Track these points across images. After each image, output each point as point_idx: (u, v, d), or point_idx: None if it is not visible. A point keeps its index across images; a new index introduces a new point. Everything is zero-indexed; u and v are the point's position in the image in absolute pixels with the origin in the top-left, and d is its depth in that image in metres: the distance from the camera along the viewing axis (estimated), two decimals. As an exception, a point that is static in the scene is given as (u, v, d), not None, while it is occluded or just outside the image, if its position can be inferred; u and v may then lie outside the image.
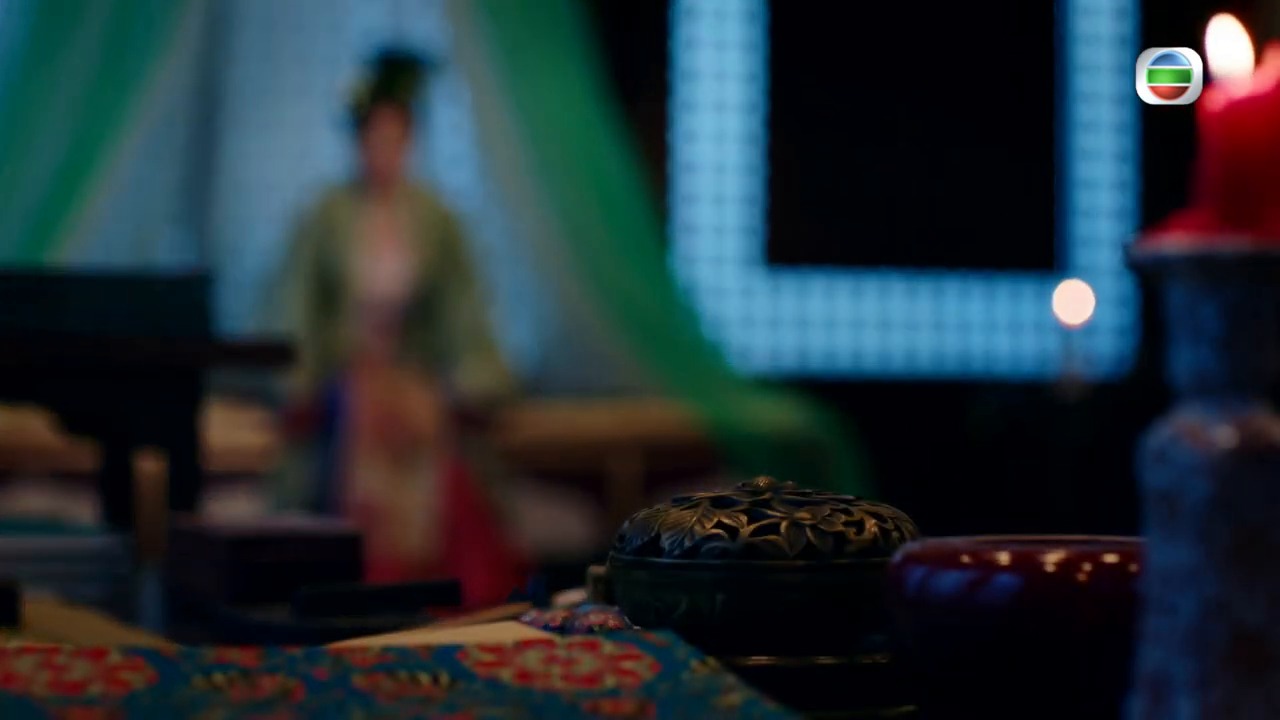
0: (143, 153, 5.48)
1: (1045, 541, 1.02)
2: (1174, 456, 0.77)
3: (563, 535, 5.35)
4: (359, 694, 0.90)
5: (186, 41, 5.52)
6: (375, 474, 4.83)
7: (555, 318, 5.78)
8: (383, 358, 4.99)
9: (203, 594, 1.70)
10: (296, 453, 4.90)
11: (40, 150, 5.26)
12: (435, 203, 5.17)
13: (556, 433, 5.46)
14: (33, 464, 4.93)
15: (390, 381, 4.95)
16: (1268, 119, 0.76)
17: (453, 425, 4.98)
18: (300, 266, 5.01)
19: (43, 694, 0.86)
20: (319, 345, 4.92)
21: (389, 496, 4.82)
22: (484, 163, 5.75)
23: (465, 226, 5.22)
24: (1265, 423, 0.76)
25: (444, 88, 5.64)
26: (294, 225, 5.13)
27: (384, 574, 4.33)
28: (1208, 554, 0.76)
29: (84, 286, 2.69)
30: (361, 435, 4.85)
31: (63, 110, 5.26)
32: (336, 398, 4.90)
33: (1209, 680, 0.76)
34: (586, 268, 5.66)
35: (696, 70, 6.15)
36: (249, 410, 5.04)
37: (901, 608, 0.98)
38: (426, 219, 5.08)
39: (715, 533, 1.08)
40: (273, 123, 5.74)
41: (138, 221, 5.52)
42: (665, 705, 0.92)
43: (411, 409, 4.92)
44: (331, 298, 5.00)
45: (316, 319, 4.97)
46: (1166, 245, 0.77)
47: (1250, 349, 0.77)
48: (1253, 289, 0.76)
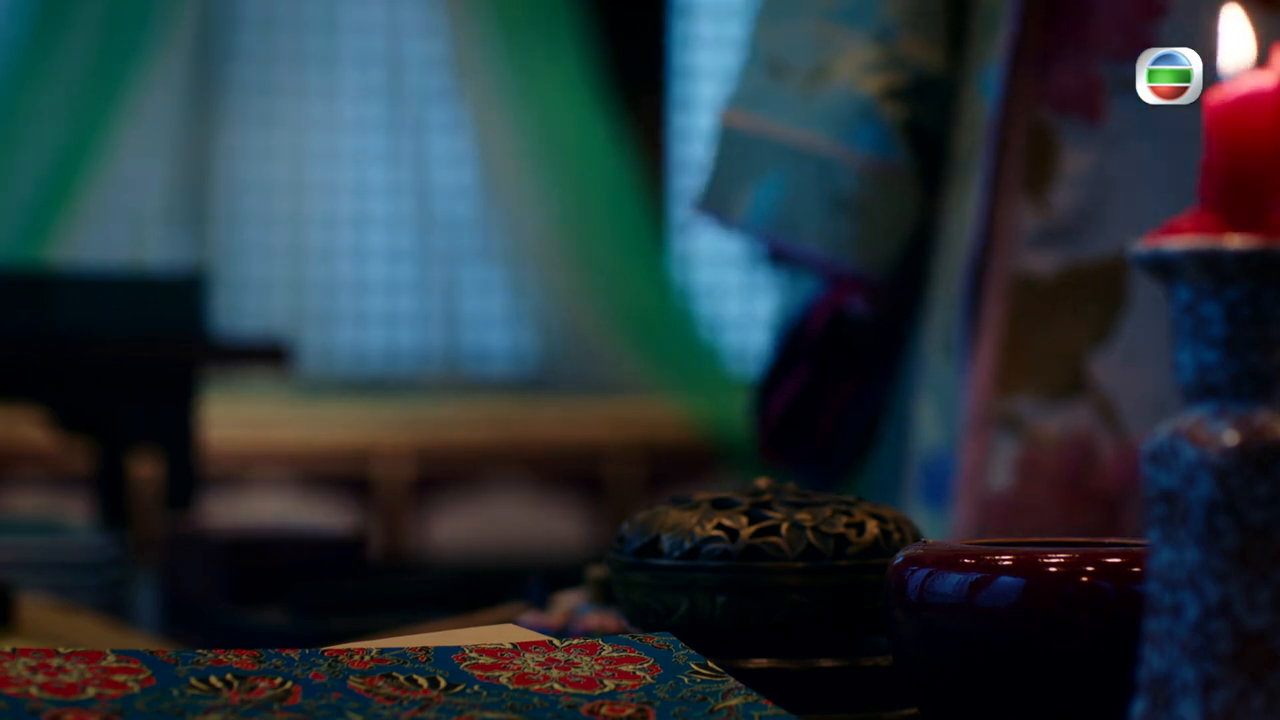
0: (138, 150, 5.48)
1: (1047, 543, 1.02)
2: (1176, 457, 0.77)
3: (561, 536, 5.35)
4: (356, 696, 0.90)
5: (182, 39, 5.53)
6: None
7: (555, 318, 5.79)
8: None
9: (199, 596, 1.70)
10: None
11: (35, 147, 5.26)
12: None
13: (555, 433, 5.46)
14: (27, 466, 4.93)
15: None
16: (1272, 116, 0.76)
17: None
18: None
19: (37, 696, 0.86)
20: None
21: None
22: (484, 163, 5.75)
23: None
24: (1268, 423, 0.76)
25: (444, 87, 5.64)
26: None
27: None
28: (1210, 555, 0.76)
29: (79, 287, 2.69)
30: None
31: (58, 107, 5.26)
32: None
33: (1212, 682, 0.75)
34: (586, 268, 5.66)
35: (694, 69, 6.15)
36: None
37: (903, 610, 0.98)
38: None
39: (715, 534, 1.08)
40: (269, 121, 5.73)
41: (133, 220, 5.52)
42: (665, 708, 0.92)
43: None
44: None
45: None
46: (1168, 244, 0.76)
47: (1253, 349, 0.76)
48: (1256, 288, 0.76)
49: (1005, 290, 1.79)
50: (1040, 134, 1.78)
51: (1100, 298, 1.76)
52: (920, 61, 1.85)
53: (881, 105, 1.84)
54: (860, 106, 1.84)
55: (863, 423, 1.95)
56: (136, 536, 2.45)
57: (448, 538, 5.36)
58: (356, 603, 1.58)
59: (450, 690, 0.92)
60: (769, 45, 1.89)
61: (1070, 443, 1.76)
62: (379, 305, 5.83)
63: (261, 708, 0.88)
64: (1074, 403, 1.76)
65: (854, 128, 1.84)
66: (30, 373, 2.59)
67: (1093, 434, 1.75)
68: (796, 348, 1.92)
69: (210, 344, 2.90)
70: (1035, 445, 1.77)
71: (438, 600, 1.60)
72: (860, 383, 1.93)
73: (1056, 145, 1.78)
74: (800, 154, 1.86)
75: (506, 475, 5.40)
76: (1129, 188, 1.76)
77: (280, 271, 5.72)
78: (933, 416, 1.86)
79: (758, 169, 1.89)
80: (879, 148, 1.84)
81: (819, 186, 1.85)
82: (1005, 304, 1.79)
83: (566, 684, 0.94)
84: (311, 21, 5.79)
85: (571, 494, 5.42)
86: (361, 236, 5.81)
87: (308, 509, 5.27)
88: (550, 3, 5.68)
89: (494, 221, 5.79)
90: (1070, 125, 1.77)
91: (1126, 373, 1.75)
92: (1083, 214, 1.77)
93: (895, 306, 1.90)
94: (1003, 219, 1.80)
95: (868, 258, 1.86)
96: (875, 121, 1.84)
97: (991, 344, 1.79)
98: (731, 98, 1.93)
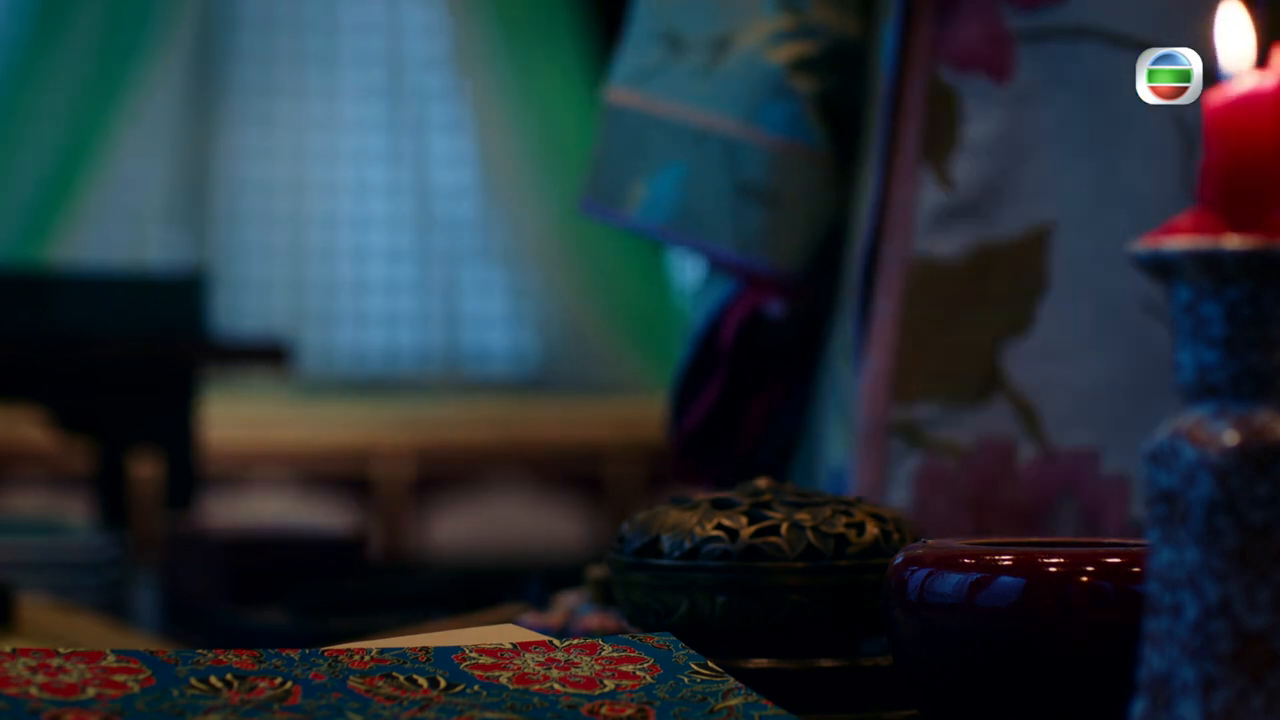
0: (138, 150, 5.48)
1: (1047, 543, 1.02)
2: (1176, 457, 0.77)
3: (561, 536, 5.36)
4: (356, 696, 0.90)
5: (182, 39, 5.53)
6: None
7: (555, 318, 5.79)
8: None
9: (199, 596, 1.70)
10: None
11: (35, 147, 5.27)
12: None
13: (555, 433, 5.46)
14: (27, 466, 4.93)
15: None
16: (1272, 117, 0.76)
17: None
18: None
19: (37, 696, 0.86)
20: None
21: None
22: (484, 163, 5.75)
23: None
24: (1268, 423, 0.76)
25: (444, 87, 5.64)
26: None
27: None
28: (1210, 555, 0.76)
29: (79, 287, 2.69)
30: None
31: (58, 107, 5.26)
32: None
33: (1212, 682, 0.75)
34: (586, 268, 5.67)
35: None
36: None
37: (903, 610, 0.98)
38: None
39: (715, 534, 1.08)
40: (269, 121, 5.74)
41: (133, 220, 5.53)
42: (665, 708, 0.92)
43: None
44: None
45: None
46: (1168, 244, 0.76)
47: (1253, 349, 0.76)
48: (1256, 288, 0.76)
49: (901, 278, 1.58)
50: (939, 97, 1.57)
51: (1014, 282, 1.55)
52: (835, 28, 1.65)
53: (792, 78, 1.63)
54: (769, 80, 1.63)
55: (782, 437, 1.73)
56: (136, 536, 2.45)
57: (448, 538, 5.36)
58: (356, 603, 1.58)
59: (450, 690, 0.92)
60: (663, 13, 1.67)
61: (981, 451, 1.55)
62: (379, 305, 5.83)
63: (261, 708, 0.88)
64: (986, 406, 1.55)
65: (762, 105, 1.63)
66: (30, 373, 2.59)
67: (1008, 440, 1.54)
68: (709, 355, 1.70)
69: (210, 344, 2.90)
70: (938, 457, 1.56)
71: (438, 600, 1.60)
72: (779, 394, 1.72)
73: (958, 109, 1.57)
74: (702, 137, 1.64)
75: (506, 475, 5.40)
76: (1042, 154, 1.55)
77: (280, 271, 5.73)
78: (837, 429, 1.65)
79: (653, 156, 1.66)
80: (791, 128, 1.63)
81: (724, 174, 1.63)
82: (901, 294, 1.57)
83: (566, 684, 0.94)
84: (311, 21, 5.79)
85: (571, 494, 5.42)
86: (361, 236, 5.82)
87: (308, 509, 5.27)
88: (550, 2, 5.68)
89: (494, 221, 5.79)
90: (973, 85, 1.56)
91: (1047, 367, 1.54)
92: (990, 186, 1.55)
93: (814, 306, 1.70)
94: (898, 196, 1.58)
95: (784, 253, 1.64)
96: (786, 97, 1.63)
97: (886, 342, 1.58)
98: (618, 73, 1.68)
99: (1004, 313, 1.55)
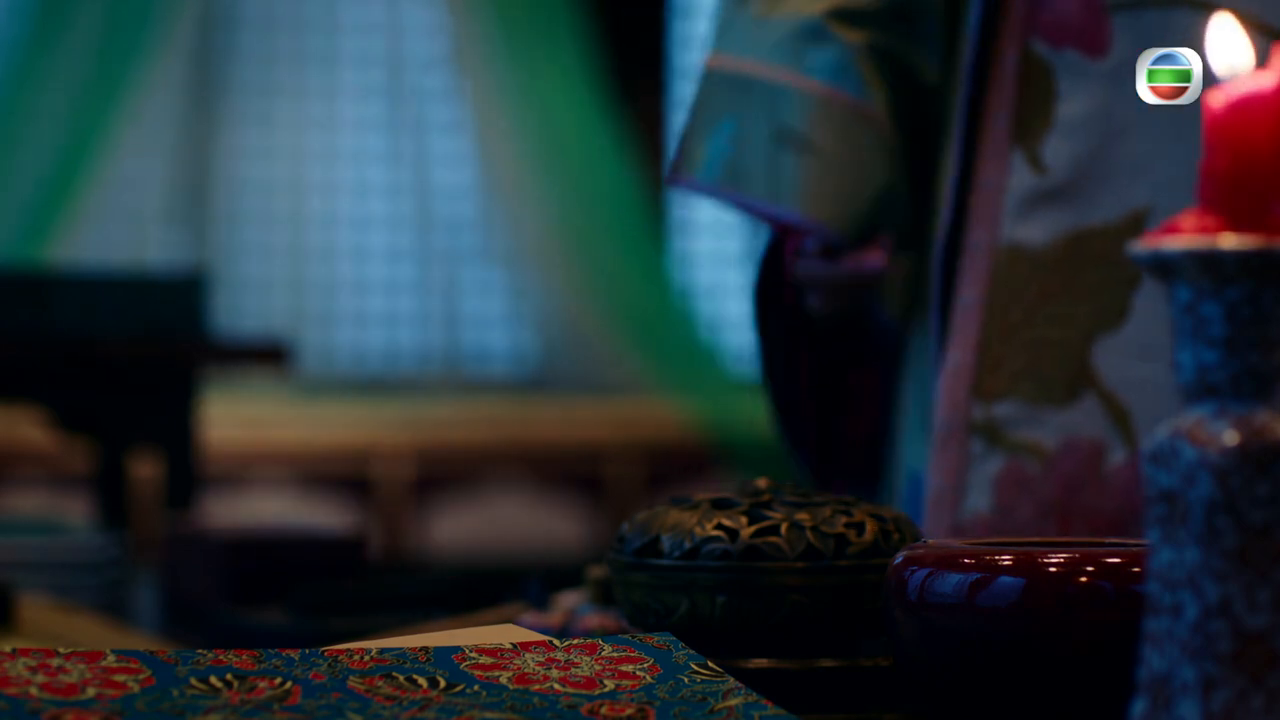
0: (138, 150, 5.48)
1: (1047, 543, 1.02)
2: (1176, 457, 0.77)
3: (561, 536, 5.35)
4: (356, 696, 0.90)
5: (182, 39, 5.53)
6: None
7: (555, 318, 5.79)
8: None
9: (199, 596, 1.70)
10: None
11: (35, 147, 5.26)
12: None
13: (555, 433, 5.46)
14: (27, 466, 4.93)
15: None
16: (1272, 118, 0.76)
17: None
18: None
19: (37, 696, 0.86)
20: None
21: None
22: (484, 163, 5.75)
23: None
24: (1268, 423, 0.76)
25: (444, 87, 5.64)
26: None
27: None
28: (1210, 555, 0.76)
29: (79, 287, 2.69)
30: None
31: (58, 107, 5.26)
32: None
33: (1212, 682, 0.75)
34: (586, 268, 5.67)
35: (694, 69, 6.16)
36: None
37: (903, 610, 0.98)
38: None
39: (715, 534, 1.08)
40: (269, 121, 5.74)
41: (133, 220, 5.53)
42: (665, 708, 0.92)
43: None
44: None
45: None
46: (1168, 244, 0.76)
47: (1253, 349, 0.76)
48: (1256, 288, 0.76)
49: (987, 267, 1.48)
50: (1034, 72, 1.47)
51: (1108, 272, 1.45)
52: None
53: (831, 25, 1.54)
54: (809, 27, 1.54)
55: (889, 421, 1.62)
56: (136, 536, 2.45)
57: (448, 538, 5.36)
58: (356, 603, 1.58)
59: (450, 690, 0.92)
60: None
61: (1067, 454, 1.45)
62: (379, 305, 5.83)
63: (261, 708, 0.88)
64: (1074, 406, 1.45)
65: (804, 51, 1.54)
66: (30, 373, 2.59)
67: (1097, 443, 1.45)
68: (783, 328, 1.60)
69: (210, 344, 2.90)
70: (1020, 459, 1.46)
71: (438, 600, 1.60)
72: (875, 373, 1.62)
73: (1052, 86, 1.47)
74: (748, 86, 1.56)
75: (506, 475, 5.40)
76: (1136, 135, 1.44)
77: (280, 271, 5.72)
78: (916, 430, 1.57)
79: (714, 112, 1.59)
80: (834, 75, 1.54)
81: (765, 123, 1.55)
82: (986, 285, 1.48)
83: (566, 684, 0.94)
84: (311, 21, 5.79)
85: (571, 494, 5.42)
86: (361, 236, 5.81)
87: (308, 509, 5.27)
88: (550, 3, 5.67)
89: (494, 221, 5.79)
90: (1068, 60, 1.45)
91: (1141, 366, 1.43)
92: (1082, 170, 1.45)
93: (904, 301, 1.60)
94: (984, 179, 1.49)
95: (817, 206, 1.53)
96: (828, 43, 1.54)
97: (968, 335, 1.48)
98: (710, 38, 1.64)
99: (1096, 305, 1.45)
